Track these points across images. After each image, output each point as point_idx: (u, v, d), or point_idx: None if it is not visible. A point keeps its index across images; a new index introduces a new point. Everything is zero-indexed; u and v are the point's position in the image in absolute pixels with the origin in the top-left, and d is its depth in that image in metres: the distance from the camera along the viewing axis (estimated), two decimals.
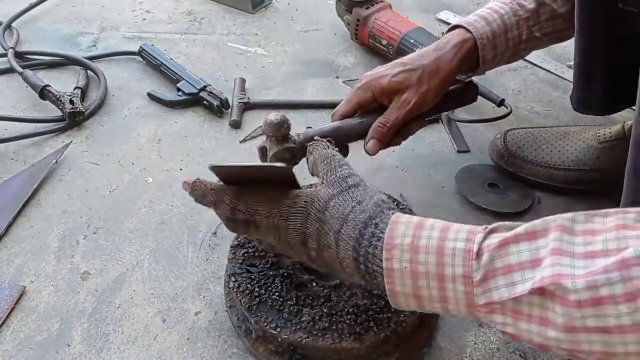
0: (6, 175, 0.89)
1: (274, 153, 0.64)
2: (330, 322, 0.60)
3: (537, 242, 0.43)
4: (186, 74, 1.06)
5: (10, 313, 0.69)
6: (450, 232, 0.46)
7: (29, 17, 1.29)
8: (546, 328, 0.41)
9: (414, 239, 0.47)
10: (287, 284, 0.64)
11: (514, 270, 0.42)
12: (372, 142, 0.71)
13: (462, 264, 0.44)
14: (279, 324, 0.60)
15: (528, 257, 0.42)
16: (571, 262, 0.40)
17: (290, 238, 0.53)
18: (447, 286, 0.45)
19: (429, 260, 0.46)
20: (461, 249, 0.45)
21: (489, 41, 0.72)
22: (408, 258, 0.46)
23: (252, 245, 0.68)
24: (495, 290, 0.43)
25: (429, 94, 0.70)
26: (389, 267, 0.47)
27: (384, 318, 0.60)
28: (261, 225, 0.54)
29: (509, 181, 0.86)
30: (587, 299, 0.39)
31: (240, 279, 0.65)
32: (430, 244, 0.46)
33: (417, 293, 0.47)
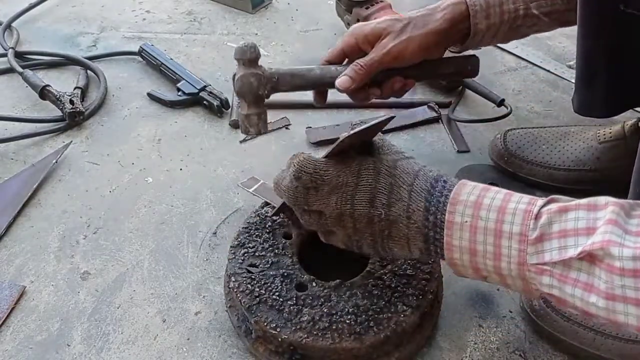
0: (6, 175, 0.89)
1: (240, 76, 0.65)
2: (330, 322, 0.60)
3: (597, 214, 0.44)
4: (186, 74, 1.06)
5: (10, 313, 0.69)
6: (514, 196, 0.49)
7: (29, 17, 1.29)
8: (589, 294, 0.43)
9: (478, 197, 0.50)
10: (287, 284, 0.64)
11: (568, 235, 0.44)
12: (344, 77, 0.71)
13: (520, 223, 0.47)
14: (279, 324, 0.60)
15: (585, 224, 0.44)
16: (622, 235, 0.42)
17: (359, 196, 0.53)
18: (503, 243, 0.47)
19: (490, 217, 0.48)
20: (522, 210, 0.47)
21: (482, 9, 0.71)
22: (470, 213, 0.49)
23: (252, 245, 0.68)
24: (548, 252, 0.45)
25: (410, 43, 0.70)
26: (450, 219, 0.49)
27: (384, 318, 0.60)
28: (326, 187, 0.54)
29: (509, 181, 0.86)
30: (630, 269, 0.40)
31: (240, 279, 0.64)
32: (493, 204, 0.49)
33: (473, 247, 0.49)
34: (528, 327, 0.67)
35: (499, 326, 0.68)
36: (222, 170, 0.90)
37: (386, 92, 0.75)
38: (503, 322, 0.68)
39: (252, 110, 0.71)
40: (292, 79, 0.71)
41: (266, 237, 0.69)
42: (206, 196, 0.85)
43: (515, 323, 0.68)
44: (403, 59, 0.71)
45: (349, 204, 0.54)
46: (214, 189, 0.87)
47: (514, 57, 1.15)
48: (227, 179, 0.88)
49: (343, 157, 0.55)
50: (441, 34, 0.71)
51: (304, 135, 0.96)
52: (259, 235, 0.69)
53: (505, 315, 0.69)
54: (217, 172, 0.90)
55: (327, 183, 0.54)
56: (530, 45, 1.18)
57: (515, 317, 0.69)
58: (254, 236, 0.69)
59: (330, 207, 0.54)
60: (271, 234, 0.69)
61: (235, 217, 0.82)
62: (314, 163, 0.54)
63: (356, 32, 0.72)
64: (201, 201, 0.85)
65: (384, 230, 0.54)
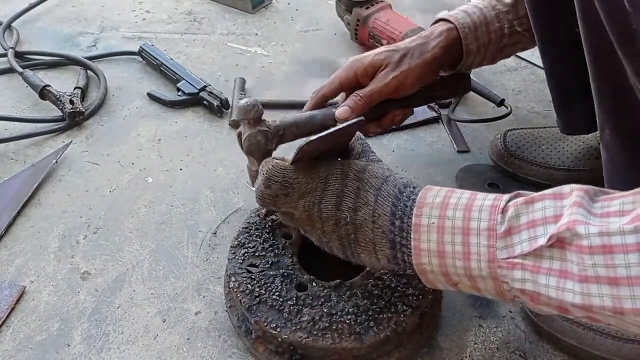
0: (6, 175, 0.89)
1: (247, 135, 0.66)
2: (330, 322, 0.60)
3: (563, 201, 0.44)
4: (186, 74, 1.06)
5: (10, 313, 0.69)
6: (479, 195, 0.49)
7: (29, 17, 1.29)
8: (565, 280, 0.42)
9: (445, 198, 0.49)
10: (287, 283, 0.64)
11: (537, 225, 0.44)
12: (344, 107, 0.70)
13: (487, 218, 0.46)
14: (279, 324, 0.60)
15: (552, 212, 0.44)
16: (587, 215, 0.42)
17: (326, 200, 0.54)
18: (471, 240, 0.46)
19: (456, 216, 0.48)
20: (488, 205, 0.47)
21: (471, 31, 0.72)
22: (437, 214, 0.49)
23: (252, 245, 0.68)
24: (518, 245, 0.44)
25: (410, 74, 0.70)
26: (417, 222, 0.49)
27: (384, 318, 0.60)
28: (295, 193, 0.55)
29: (509, 181, 0.86)
30: (598, 245, 0.40)
31: (240, 279, 0.64)
32: (460, 202, 0.48)
33: (441, 249, 0.48)
34: (528, 327, 0.67)
35: (499, 326, 0.68)
36: (222, 170, 0.90)
37: (386, 126, 0.75)
38: (503, 322, 0.68)
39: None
40: (297, 129, 0.71)
41: (266, 237, 0.69)
42: (206, 196, 0.85)
43: (515, 323, 0.68)
44: (403, 89, 0.71)
45: (316, 207, 0.55)
46: (214, 189, 0.87)
47: (514, 57, 1.15)
48: (227, 179, 0.88)
49: (312, 163, 0.56)
50: (437, 61, 0.72)
51: None
52: (259, 235, 0.69)
53: (505, 315, 0.69)
54: (217, 172, 0.90)
55: (296, 190, 0.55)
56: None
57: (515, 317, 0.69)
58: (254, 236, 0.69)
59: (299, 210, 0.55)
60: (271, 234, 0.69)
61: (235, 217, 0.82)
62: (282, 171, 0.55)
63: (355, 65, 0.72)
64: (201, 201, 0.85)
65: (350, 234, 0.54)
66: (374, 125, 0.74)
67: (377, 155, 0.61)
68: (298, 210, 0.56)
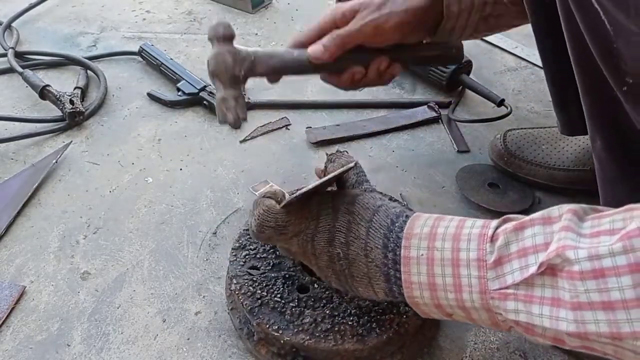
0: (6, 175, 0.89)
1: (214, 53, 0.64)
2: (333, 324, 0.60)
3: (552, 227, 0.43)
4: (186, 74, 1.06)
5: (10, 313, 0.69)
6: (467, 222, 0.48)
7: (29, 17, 1.29)
8: (558, 309, 0.41)
9: (432, 228, 0.48)
10: (289, 285, 0.64)
11: (528, 254, 0.43)
12: (317, 46, 0.66)
13: (476, 248, 0.45)
14: (281, 326, 0.60)
15: (542, 240, 0.42)
16: (577, 238, 0.41)
17: (319, 237, 0.53)
18: (462, 272, 0.45)
19: (445, 247, 0.46)
20: (476, 234, 0.46)
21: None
22: (425, 245, 0.47)
23: (254, 247, 0.68)
24: (510, 274, 0.43)
25: (390, 19, 0.66)
26: (406, 254, 0.48)
27: (387, 319, 0.60)
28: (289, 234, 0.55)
29: (509, 181, 0.86)
30: (588, 270, 0.38)
31: (242, 281, 0.64)
32: (447, 232, 0.47)
33: (432, 282, 0.47)
34: None
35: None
36: (222, 170, 0.90)
37: (372, 73, 0.70)
38: None
39: (228, 93, 0.65)
40: (269, 59, 0.66)
41: None
42: (206, 196, 0.85)
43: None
44: (382, 34, 0.67)
45: (309, 245, 0.54)
46: (214, 189, 0.87)
47: (514, 57, 1.15)
48: (227, 179, 0.88)
49: (304, 202, 0.55)
50: (420, 12, 0.68)
51: (304, 135, 0.96)
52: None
53: None
54: (217, 172, 0.90)
55: (289, 231, 0.54)
56: (530, 45, 1.18)
57: None
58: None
59: (294, 247, 0.55)
60: None
61: (235, 217, 0.82)
62: (274, 216, 0.54)
63: (334, 12, 0.69)
64: (201, 201, 0.85)
65: (345, 269, 0.53)
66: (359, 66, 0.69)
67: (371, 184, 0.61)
68: (292, 247, 0.56)
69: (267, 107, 1.03)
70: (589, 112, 0.55)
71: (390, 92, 1.07)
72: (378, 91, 1.07)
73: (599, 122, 0.54)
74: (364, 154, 0.93)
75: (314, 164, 0.91)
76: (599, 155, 0.56)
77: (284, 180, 0.88)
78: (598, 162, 0.57)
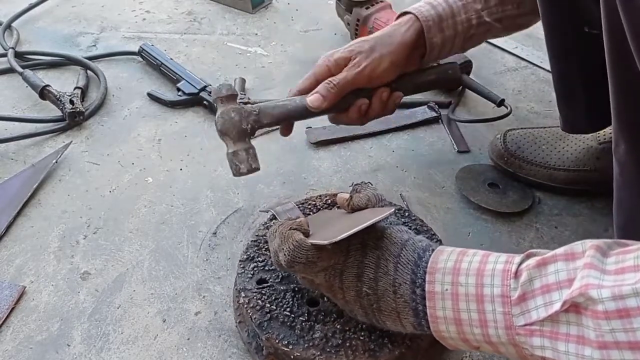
0: (6, 175, 0.89)
1: (220, 112, 0.66)
2: (344, 339, 0.58)
3: (575, 263, 0.43)
4: (186, 74, 1.06)
5: (10, 313, 0.69)
6: (491, 257, 0.48)
7: (29, 17, 1.29)
8: (583, 347, 0.41)
9: (456, 263, 0.48)
10: (298, 299, 0.62)
11: (552, 290, 0.43)
12: (315, 95, 0.70)
13: (500, 284, 0.45)
14: (291, 340, 0.58)
15: (565, 276, 0.42)
16: (600, 275, 0.41)
17: (347, 272, 0.53)
18: (487, 307, 0.45)
19: (469, 282, 0.47)
20: (500, 270, 0.46)
21: (435, 24, 0.72)
22: (449, 280, 0.47)
23: (262, 259, 0.66)
24: (534, 311, 0.43)
25: (382, 60, 0.71)
26: (431, 289, 0.48)
27: (399, 334, 0.58)
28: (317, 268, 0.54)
29: (509, 181, 0.86)
30: (613, 310, 0.38)
31: (250, 294, 0.62)
32: (471, 267, 0.47)
33: (457, 317, 0.47)
34: None
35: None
36: (222, 170, 0.90)
37: (376, 104, 0.74)
38: None
39: (238, 146, 0.68)
40: (273, 110, 0.70)
41: None
42: (206, 196, 0.85)
43: None
44: (376, 77, 0.71)
45: (337, 279, 0.54)
46: (214, 189, 0.87)
47: (514, 57, 1.15)
48: (227, 179, 0.88)
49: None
50: (408, 47, 0.72)
51: (304, 135, 0.96)
52: (268, 249, 0.65)
53: None
54: (217, 172, 0.90)
55: (318, 266, 0.54)
56: (530, 45, 1.18)
57: None
58: (263, 249, 0.67)
59: (319, 279, 0.55)
60: None
61: (235, 217, 0.82)
62: (305, 253, 0.53)
63: (326, 60, 0.73)
64: (201, 201, 0.85)
65: (373, 304, 0.53)
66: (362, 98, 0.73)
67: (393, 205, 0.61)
68: (318, 279, 0.55)
69: None
70: (616, 112, 0.54)
71: None
72: None
73: (627, 124, 0.54)
74: (364, 154, 0.93)
75: (314, 164, 0.91)
76: (621, 159, 0.56)
77: (284, 181, 0.88)
78: (619, 166, 0.57)
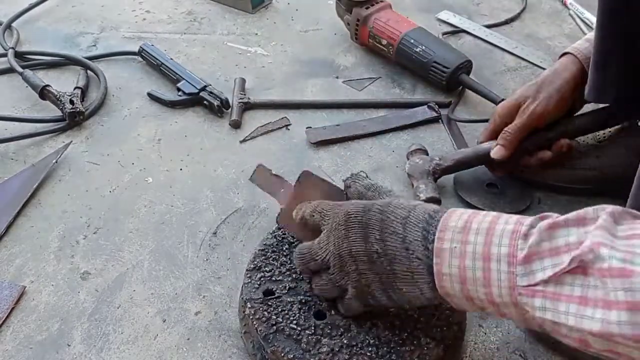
0: (6, 175, 0.89)
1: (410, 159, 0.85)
2: (351, 355, 0.56)
3: (587, 227, 0.43)
4: (186, 74, 1.06)
5: (10, 313, 0.69)
6: (502, 217, 0.48)
7: (29, 17, 1.29)
8: (585, 307, 0.41)
9: (467, 222, 0.48)
10: (305, 311, 0.61)
11: (560, 252, 0.43)
12: (497, 147, 0.78)
13: (507, 244, 0.45)
14: (297, 355, 0.57)
15: (576, 239, 0.43)
16: (612, 238, 0.41)
17: (352, 234, 0.54)
18: (492, 266, 0.46)
19: (478, 240, 0.47)
20: (509, 230, 0.46)
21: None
22: (459, 239, 0.48)
23: (269, 269, 0.65)
24: (540, 271, 0.43)
25: (550, 100, 0.76)
26: (439, 246, 0.48)
27: (407, 351, 0.57)
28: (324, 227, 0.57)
29: (507, 181, 0.86)
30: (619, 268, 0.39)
31: (257, 305, 0.61)
32: (481, 226, 0.47)
33: (463, 275, 0.47)
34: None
35: (499, 326, 0.68)
36: (222, 170, 0.90)
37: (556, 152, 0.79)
38: (503, 322, 0.68)
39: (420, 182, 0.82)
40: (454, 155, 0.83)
41: (283, 260, 0.66)
42: (206, 196, 0.85)
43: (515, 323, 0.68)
44: (547, 117, 0.77)
45: (345, 243, 0.54)
46: (214, 189, 0.87)
47: (514, 57, 1.15)
48: (227, 179, 0.88)
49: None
50: (573, 82, 0.76)
51: (304, 135, 0.96)
52: (276, 258, 0.66)
53: None
54: (217, 172, 0.90)
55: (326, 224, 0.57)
56: (530, 45, 1.18)
57: None
58: (270, 259, 0.66)
59: (329, 250, 0.56)
60: (289, 257, 0.66)
61: (235, 217, 0.82)
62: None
63: (499, 111, 0.81)
64: (201, 201, 0.85)
65: (386, 266, 0.52)
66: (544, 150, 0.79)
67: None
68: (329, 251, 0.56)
69: (267, 107, 1.03)
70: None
71: (390, 92, 1.07)
72: (378, 91, 1.07)
73: None
74: (364, 154, 0.93)
75: (314, 164, 0.91)
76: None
77: None
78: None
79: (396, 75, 1.11)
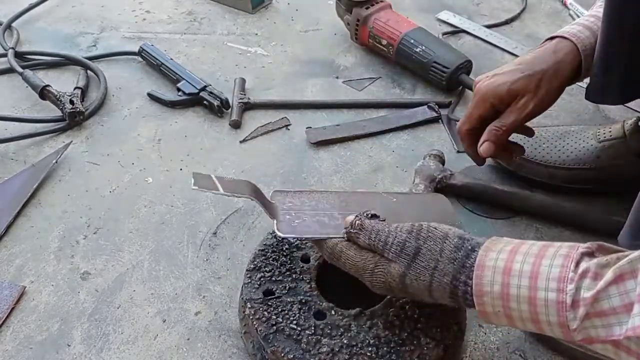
0: (6, 175, 0.89)
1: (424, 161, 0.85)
2: (351, 354, 0.57)
3: (625, 285, 0.42)
4: (186, 74, 1.06)
5: (10, 313, 0.69)
6: (539, 280, 0.46)
7: (29, 17, 1.29)
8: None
9: (503, 287, 0.47)
10: (305, 311, 0.61)
11: (608, 314, 0.43)
12: (486, 144, 0.73)
13: (556, 314, 0.45)
14: (297, 355, 0.57)
15: (619, 301, 0.42)
16: None
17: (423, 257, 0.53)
18: (544, 328, 0.46)
19: (522, 309, 0.47)
20: (553, 301, 0.45)
21: (591, 54, 0.71)
22: (500, 304, 0.48)
23: (269, 269, 0.65)
24: (593, 329, 0.43)
25: (547, 98, 0.71)
26: (482, 310, 0.49)
27: (407, 350, 0.57)
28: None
29: (509, 181, 0.86)
30: None
31: (257, 305, 0.61)
32: (520, 294, 0.46)
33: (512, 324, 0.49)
34: None
35: (499, 326, 0.68)
36: (222, 170, 0.90)
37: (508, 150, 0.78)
38: None
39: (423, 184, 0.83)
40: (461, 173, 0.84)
41: (283, 260, 0.65)
42: (206, 196, 0.85)
43: None
44: (539, 112, 0.73)
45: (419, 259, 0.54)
46: None
47: (514, 57, 1.15)
48: None
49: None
50: (570, 79, 0.73)
51: (304, 135, 0.96)
52: (276, 258, 0.66)
53: None
54: (217, 172, 0.90)
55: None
56: (530, 46, 1.18)
57: None
58: (270, 259, 0.66)
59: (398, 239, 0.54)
60: (289, 257, 0.66)
61: (236, 217, 0.82)
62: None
63: (491, 96, 0.73)
64: (201, 201, 0.85)
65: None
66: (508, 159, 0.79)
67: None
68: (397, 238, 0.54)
69: (267, 107, 1.03)
70: None
71: (390, 92, 1.07)
72: (378, 91, 1.07)
73: None
74: (364, 154, 0.93)
75: (314, 164, 0.91)
76: None
77: (284, 181, 0.88)
78: None
79: (396, 75, 1.11)
